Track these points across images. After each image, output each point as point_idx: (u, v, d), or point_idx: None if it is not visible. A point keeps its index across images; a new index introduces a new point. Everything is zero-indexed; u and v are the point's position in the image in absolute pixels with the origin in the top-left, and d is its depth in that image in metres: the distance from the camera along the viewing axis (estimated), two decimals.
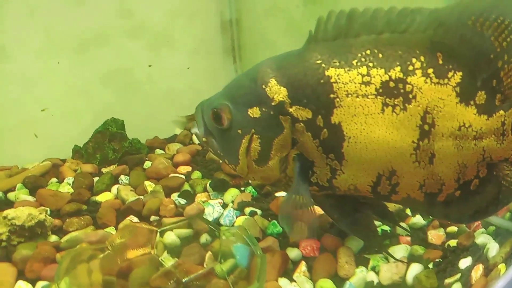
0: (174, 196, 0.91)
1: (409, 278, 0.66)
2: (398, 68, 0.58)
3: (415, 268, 0.67)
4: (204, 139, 0.68)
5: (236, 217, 0.81)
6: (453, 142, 0.59)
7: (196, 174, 0.99)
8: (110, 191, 0.97)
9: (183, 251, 0.70)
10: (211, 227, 0.70)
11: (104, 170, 1.08)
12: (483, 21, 0.56)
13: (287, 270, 0.68)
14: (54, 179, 1.04)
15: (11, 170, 1.08)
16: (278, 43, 1.19)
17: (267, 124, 0.62)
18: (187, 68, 1.28)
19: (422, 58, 0.58)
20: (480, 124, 0.58)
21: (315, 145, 0.61)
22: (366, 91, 0.58)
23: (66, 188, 0.99)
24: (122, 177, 1.01)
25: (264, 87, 0.62)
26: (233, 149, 0.65)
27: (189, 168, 1.02)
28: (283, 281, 0.67)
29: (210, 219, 0.80)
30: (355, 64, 0.59)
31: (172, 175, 0.98)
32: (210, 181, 0.92)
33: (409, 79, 0.57)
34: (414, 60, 0.58)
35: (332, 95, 0.59)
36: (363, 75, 0.58)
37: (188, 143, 1.18)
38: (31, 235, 0.81)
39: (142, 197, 0.92)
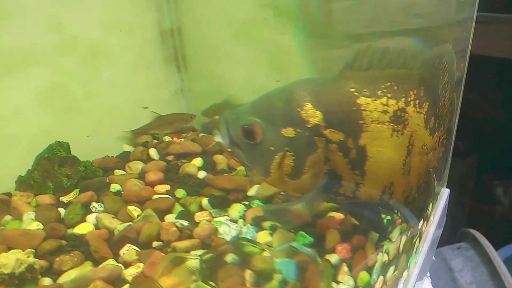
0: (168, 218, 0.87)
1: (401, 247, 0.85)
2: (403, 99, 0.69)
3: (404, 238, 0.85)
4: (229, 149, 0.73)
5: (256, 233, 0.81)
6: (419, 157, 0.73)
7: (181, 193, 0.95)
8: (85, 221, 0.91)
9: (219, 274, 0.70)
10: (256, 246, 0.70)
11: (63, 199, 1.00)
12: (439, 63, 0.72)
13: None
14: (8, 217, 0.93)
15: None
16: (227, 52, 1.21)
17: (302, 143, 0.69)
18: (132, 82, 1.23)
19: (415, 91, 0.70)
20: (430, 143, 0.74)
21: (345, 163, 0.70)
22: (384, 118, 0.68)
23: (34, 224, 0.90)
24: (95, 204, 0.94)
25: (299, 110, 0.68)
26: (264, 162, 0.71)
27: (167, 187, 0.98)
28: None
29: (228, 238, 0.79)
30: (379, 94, 0.68)
31: (156, 196, 0.94)
32: (207, 199, 0.90)
33: (407, 109, 0.69)
34: (411, 92, 0.70)
35: (361, 121, 0.68)
36: (383, 105, 0.68)
37: (146, 159, 1.14)
38: (20, 282, 0.74)
39: (131, 223, 0.88)
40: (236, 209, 0.88)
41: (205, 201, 0.91)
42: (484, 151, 2.39)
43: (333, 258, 0.76)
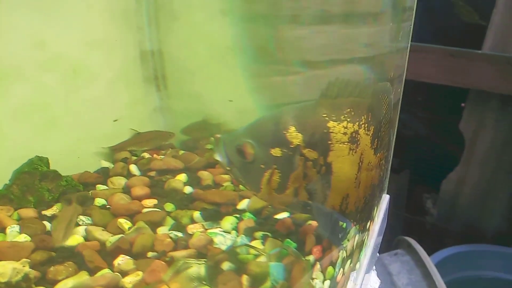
0: (161, 230, 0.90)
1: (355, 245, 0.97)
2: (357, 123, 0.80)
3: (357, 237, 0.96)
4: (228, 168, 0.80)
5: (250, 242, 0.86)
6: (366, 173, 0.84)
7: (170, 206, 0.98)
8: (74, 233, 0.92)
9: (219, 279, 0.74)
10: (255, 250, 0.76)
11: (46, 213, 1.00)
12: (382, 96, 0.84)
13: None
14: None
15: None
16: (207, 74, 1.26)
17: (286, 162, 0.78)
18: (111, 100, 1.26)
19: (365, 116, 0.81)
20: (374, 161, 0.85)
21: (318, 178, 0.80)
22: (344, 139, 0.79)
23: (21, 237, 0.90)
24: (82, 217, 0.96)
25: (285, 132, 0.77)
26: (255, 179, 0.79)
27: (155, 201, 1.00)
28: None
29: (223, 247, 0.83)
30: (342, 119, 0.79)
31: (145, 210, 0.97)
32: (198, 212, 0.94)
33: (359, 131, 0.80)
34: (362, 117, 0.81)
35: (329, 142, 0.78)
36: (344, 127, 0.79)
37: (127, 175, 1.17)
38: None
39: (122, 235, 0.90)
40: (229, 221, 0.92)
41: (196, 214, 0.94)
42: (415, 167, 2.58)
43: (310, 258, 0.85)
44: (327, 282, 0.86)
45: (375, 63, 1.01)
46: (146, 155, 1.26)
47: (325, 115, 0.78)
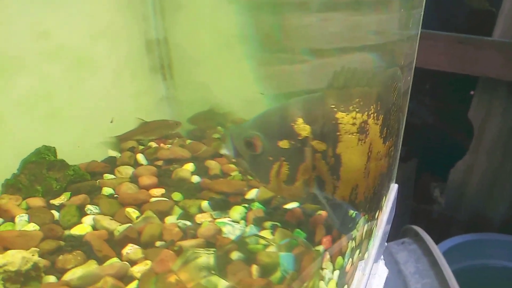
0: (169, 220, 0.90)
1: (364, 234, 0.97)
2: (366, 113, 0.79)
3: (366, 227, 0.96)
4: (234, 160, 0.81)
5: (259, 232, 0.86)
6: (375, 162, 0.84)
7: (178, 196, 0.98)
8: (82, 223, 0.92)
9: (228, 269, 0.74)
10: (265, 240, 0.76)
11: (54, 202, 1.00)
12: (391, 83, 0.83)
13: None
14: None
15: None
16: (214, 63, 1.25)
17: (294, 153, 0.78)
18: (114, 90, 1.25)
19: (374, 106, 0.80)
20: (383, 150, 0.85)
21: (327, 169, 0.79)
22: (353, 130, 0.78)
23: (30, 226, 0.90)
24: (90, 206, 0.96)
25: (292, 124, 0.77)
26: (264, 171, 0.80)
27: (162, 191, 1.00)
28: None
29: (232, 237, 0.83)
30: (351, 109, 0.78)
31: (153, 199, 0.97)
32: (206, 201, 0.94)
33: (368, 121, 0.80)
34: (371, 107, 0.80)
35: (338, 133, 0.78)
36: (353, 118, 0.78)
37: (134, 164, 1.16)
38: (25, 280, 0.75)
39: (131, 224, 0.90)
40: (237, 211, 0.92)
41: (204, 203, 0.94)
42: (422, 155, 2.56)
43: (320, 248, 0.85)
44: (336, 272, 0.86)
45: (384, 51, 0.99)
46: (153, 144, 1.26)
47: (333, 106, 0.78)
